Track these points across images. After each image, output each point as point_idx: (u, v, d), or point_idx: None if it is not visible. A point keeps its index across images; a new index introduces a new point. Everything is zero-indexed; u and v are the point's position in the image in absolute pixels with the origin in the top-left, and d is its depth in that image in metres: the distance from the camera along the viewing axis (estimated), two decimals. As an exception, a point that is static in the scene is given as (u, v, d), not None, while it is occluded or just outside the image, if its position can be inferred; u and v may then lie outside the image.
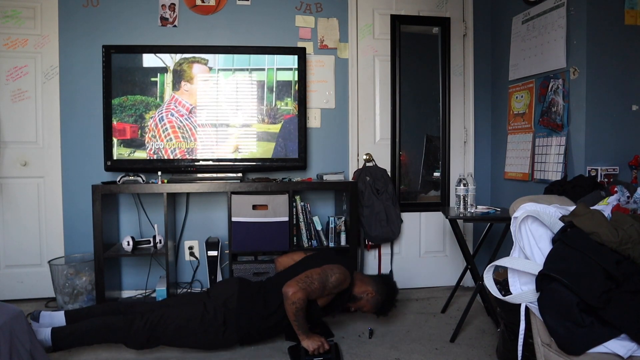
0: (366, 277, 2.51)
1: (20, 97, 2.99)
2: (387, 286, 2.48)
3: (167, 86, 2.91)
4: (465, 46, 3.36)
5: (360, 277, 2.49)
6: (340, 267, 2.32)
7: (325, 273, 2.25)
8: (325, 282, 2.23)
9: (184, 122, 2.92)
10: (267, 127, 3.01)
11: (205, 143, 2.96)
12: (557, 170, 2.57)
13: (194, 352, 2.29)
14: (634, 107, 2.44)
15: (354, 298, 2.43)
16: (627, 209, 1.68)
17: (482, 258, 2.91)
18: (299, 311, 2.16)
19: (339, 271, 2.29)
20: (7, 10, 2.94)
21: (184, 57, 2.91)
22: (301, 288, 2.16)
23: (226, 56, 2.97)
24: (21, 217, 3.03)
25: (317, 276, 2.23)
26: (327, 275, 2.25)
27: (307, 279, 2.21)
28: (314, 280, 2.21)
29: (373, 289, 2.43)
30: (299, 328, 2.19)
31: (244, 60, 2.99)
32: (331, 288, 2.26)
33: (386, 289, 2.46)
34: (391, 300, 2.49)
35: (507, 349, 2.07)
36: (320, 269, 2.27)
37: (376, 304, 2.44)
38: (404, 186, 3.39)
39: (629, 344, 1.37)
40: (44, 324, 2.23)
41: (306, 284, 2.19)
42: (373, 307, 2.45)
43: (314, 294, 2.21)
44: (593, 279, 1.41)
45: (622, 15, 2.42)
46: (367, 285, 2.44)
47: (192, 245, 3.16)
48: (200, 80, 2.94)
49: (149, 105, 2.89)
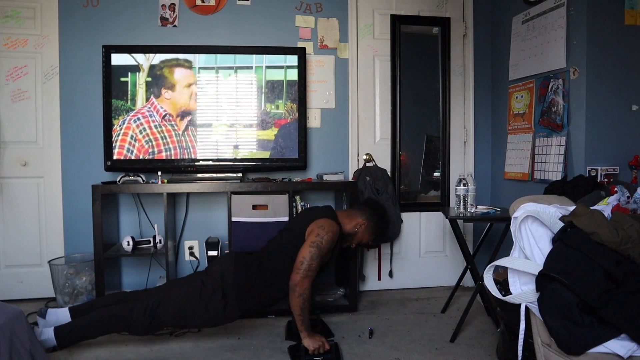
0: (350, 211, 2.50)
1: (20, 97, 2.99)
2: (373, 209, 2.50)
3: (141, 88, 2.90)
4: (465, 46, 3.36)
5: (345, 214, 2.48)
6: (325, 221, 2.30)
7: (315, 244, 2.22)
8: (320, 251, 2.22)
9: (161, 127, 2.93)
10: (267, 127, 3.01)
11: (205, 143, 2.96)
12: (557, 170, 2.57)
13: (194, 351, 2.29)
14: (634, 107, 2.44)
15: (349, 236, 2.44)
16: (627, 209, 1.68)
17: (482, 258, 2.91)
18: (305, 302, 2.17)
19: (327, 228, 2.27)
20: (7, 10, 2.94)
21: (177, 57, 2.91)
22: (303, 277, 2.17)
23: (227, 56, 2.96)
24: (21, 217, 3.03)
25: (309, 254, 2.20)
26: (318, 245, 2.22)
27: (304, 263, 2.19)
28: (311, 260, 2.19)
29: (362, 219, 2.45)
30: (302, 323, 2.19)
31: (244, 60, 2.99)
32: (328, 249, 2.26)
33: (374, 212, 2.48)
34: (383, 219, 2.50)
35: (507, 349, 2.07)
36: (309, 243, 2.23)
37: (372, 230, 2.47)
38: (404, 186, 3.39)
39: (629, 344, 1.37)
40: (50, 321, 2.24)
41: (305, 270, 2.18)
42: (371, 234, 2.48)
43: (317, 271, 2.23)
44: (593, 279, 1.41)
45: (622, 15, 2.42)
46: (356, 218, 2.46)
47: (192, 245, 3.16)
48: (200, 80, 2.94)
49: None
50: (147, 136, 2.89)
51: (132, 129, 2.88)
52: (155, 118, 2.90)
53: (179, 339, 2.45)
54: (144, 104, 2.89)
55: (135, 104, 2.89)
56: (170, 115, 2.91)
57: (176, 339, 2.45)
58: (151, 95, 2.90)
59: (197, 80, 2.94)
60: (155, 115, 2.90)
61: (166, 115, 2.91)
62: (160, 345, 2.37)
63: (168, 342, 2.41)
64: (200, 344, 2.40)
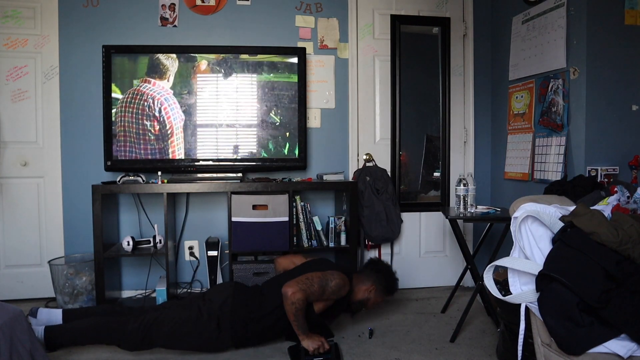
0: (361, 276, 2.52)
1: (20, 97, 2.99)
2: (380, 272, 2.52)
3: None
4: (465, 46, 3.36)
5: (357, 278, 2.51)
6: (340, 274, 2.33)
7: (325, 277, 2.27)
8: (325, 286, 2.24)
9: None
10: (267, 127, 3.01)
11: (205, 143, 2.96)
12: (557, 170, 2.57)
13: (192, 354, 2.29)
14: (634, 107, 2.44)
15: (364, 301, 2.47)
16: (627, 209, 1.68)
17: (482, 258, 2.91)
18: (298, 311, 2.16)
19: (338, 277, 2.30)
20: (7, 10, 2.94)
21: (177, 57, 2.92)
22: (301, 289, 2.17)
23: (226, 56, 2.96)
24: (21, 217, 3.03)
25: (317, 279, 2.24)
26: (327, 280, 2.26)
27: (307, 281, 2.21)
28: (314, 283, 2.22)
29: (372, 282, 2.47)
30: (298, 328, 2.20)
31: (244, 59, 2.99)
32: (330, 293, 2.26)
33: (381, 275, 2.50)
34: (391, 280, 2.53)
35: (507, 349, 2.07)
36: (321, 273, 2.29)
37: (382, 292, 2.49)
38: (404, 186, 3.39)
39: (629, 344, 1.37)
40: (42, 320, 2.23)
41: (306, 285, 2.19)
42: (382, 296, 2.51)
43: (313, 296, 2.22)
44: (593, 279, 1.41)
45: (622, 15, 2.42)
46: (365, 282, 2.47)
47: (192, 245, 3.16)
48: (200, 80, 2.94)
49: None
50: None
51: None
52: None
53: (179, 339, 2.45)
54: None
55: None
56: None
57: (176, 339, 2.44)
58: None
59: (197, 81, 2.94)
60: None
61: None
62: (160, 345, 2.37)
63: (168, 342, 2.41)
64: (200, 344, 2.39)
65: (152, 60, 2.89)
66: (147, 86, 2.88)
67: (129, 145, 2.88)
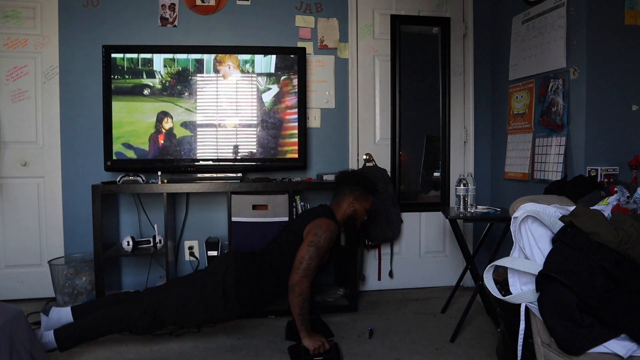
0: (337, 200, 2.52)
1: (20, 97, 2.99)
2: (347, 181, 2.52)
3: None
4: (465, 46, 3.36)
5: (335, 204, 2.52)
6: (323, 220, 2.33)
7: (313, 244, 2.25)
8: (319, 250, 2.24)
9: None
10: (267, 126, 3.01)
11: (205, 143, 2.96)
12: (557, 170, 2.57)
13: (194, 351, 2.29)
14: (634, 107, 2.44)
15: (352, 219, 2.48)
16: (627, 209, 1.67)
17: (482, 258, 2.91)
18: (304, 302, 2.18)
19: (324, 227, 2.30)
20: (7, 10, 2.94)
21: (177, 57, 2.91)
22: (302, 276, 2.18)
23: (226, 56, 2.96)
24: (21, 217, 3.03)
25: (308, 254, 2.23)
26: (316, 244, 2.25)
27: (303, 263, 2.21)
28: (309, 260, 2.22)
29: (351, 198, 2.48)
30: (302, 323, 2.20)
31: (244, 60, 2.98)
32: (327, 248, 2.28)
33: (351, 183, 2.51)
34: (362, 181, 2.52)
35: (507, 349, 2.07)
36: (307, 243, 2.26)
37: (363, 197, 2.50)
38: (404, 186, 3.39)
39: (629, 344, 1.37)
40: (53, 318, 2.23)
41: (304, 269, 2.20)
42: (365, 200, 2.51)
43: (315, 271, 2.24)
44: (593, 279, 1.41)
45: (622, 15, 2.42)
46: (344, 201, 2.49)
47: (192, 245, 3.16)
48: (199, 80, 2.94)
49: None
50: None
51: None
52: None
53: (179, 339, 2.45)
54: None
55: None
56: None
57: (176, 339, 2.44)
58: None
59: (197, 80, 2.94)
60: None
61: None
62: (161, 345, 2.37)
63: (168, 342, 2.41)
64: (200, 344, 2.40)
65: (152, 60, 2.88)
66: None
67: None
